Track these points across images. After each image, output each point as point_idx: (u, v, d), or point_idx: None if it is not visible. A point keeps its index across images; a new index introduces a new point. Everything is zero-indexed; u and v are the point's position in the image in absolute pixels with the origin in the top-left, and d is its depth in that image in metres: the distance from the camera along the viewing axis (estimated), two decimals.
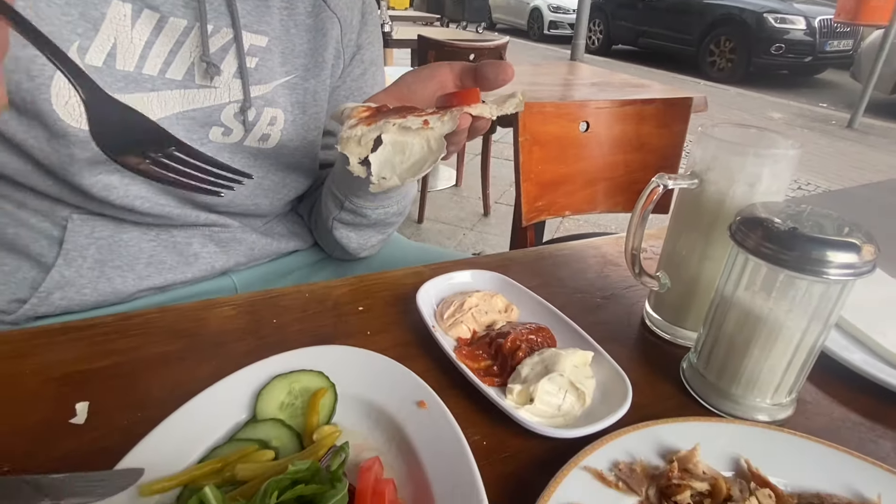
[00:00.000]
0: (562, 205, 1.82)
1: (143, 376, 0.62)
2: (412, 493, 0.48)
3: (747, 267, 0.57)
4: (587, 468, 0.49)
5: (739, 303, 0.58)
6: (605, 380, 0.62)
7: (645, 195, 0.65)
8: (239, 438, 0.50)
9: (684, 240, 0.70)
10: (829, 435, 0.55)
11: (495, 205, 3.86)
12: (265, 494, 0.38)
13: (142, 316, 0.73)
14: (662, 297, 0.74)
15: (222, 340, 0.69)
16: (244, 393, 0.55)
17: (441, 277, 0.79)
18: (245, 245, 0.97)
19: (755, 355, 0.58)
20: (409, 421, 0.53)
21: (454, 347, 0.67)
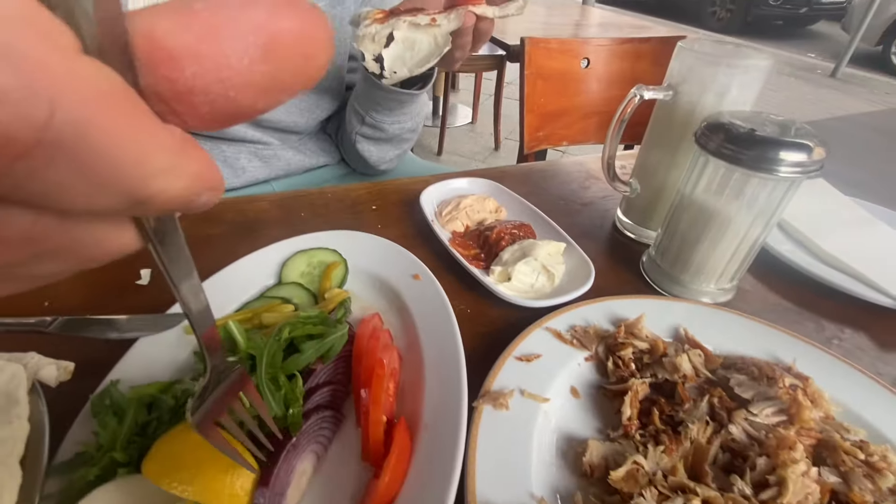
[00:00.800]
0: (560, 135, 1.74)
1: (194, 251, 0.63)
2: (405, 343, 0.49)
3: (707, 169, 0.53)
4: (548, 329, 0.50)
5: (696, 202, 0.55)
6: (573, 267, 0.61)
7: (623, 104, 0.60)
8: (266, 296, 0.51)
9: (656, 150, 0.66)
10: (762, 317, 0.54)
11: (505, 140, 3.72)
12: (280, 331, 0.40)
13: None
14: (632, 203, 0.72)
15: (258, 227, 0.70)
16: (272, 263, 0.56)
17: (442, 182, 0.77)
18: (283, 161, 0.97)
19: (705, 247, 0.56)
20: (406, 289, 0.54)
21: (449, 239, 0.66)
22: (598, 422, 0.44)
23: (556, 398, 0.44)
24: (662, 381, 0.45)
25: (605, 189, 0.86)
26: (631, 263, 0.67)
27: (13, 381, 0.36)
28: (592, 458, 0.38)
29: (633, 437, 0.40)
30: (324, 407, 0.40)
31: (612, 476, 0.36)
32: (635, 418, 0.42)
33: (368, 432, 0.36)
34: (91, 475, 0.33)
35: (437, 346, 0.46)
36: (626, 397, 0.42)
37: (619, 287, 0.62)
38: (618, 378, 0.46)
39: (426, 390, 0.42)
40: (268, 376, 0.37)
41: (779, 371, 0.45)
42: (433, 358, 0.45)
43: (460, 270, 0.61)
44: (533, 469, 0.38)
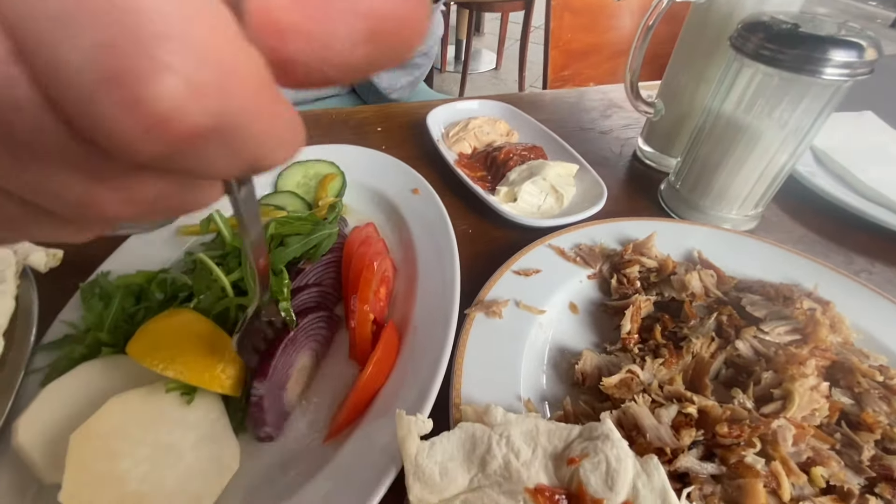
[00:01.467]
0: (586, 76, 1.63)
1: None
2: (402, 255, 0.48)
3: (740, 77, 0.48)
4: (551, 246, 0.47)
5: (723, 118, 0.50)
6: (584, 190, 0.58)
7: (651, 7, 0.54)
8: (260, 203, 0.50)
9: (684, 66, 0.60)
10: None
11: (530, 88, 3.55)
12: (266, 226, 0.38)
13: None
14: (655, 128, 0.66)
15: None
16: (268, 174, 0.54)
17: (451, 104, 0.73)
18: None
19: (728, 168, 0.51)
20: (404, 203, 0.52)
21: (455, 160, 0.63)
22: (595, 337, 0.42)
23: (552, 311, 0.42)
24: (669, 299, 0.43)
25: (627, 118, 0.80)
26: (649, 192, 0.63)
27: (1, 263, 0.36)
28: (585, 367, 0.37)
29: (630, 351, 0.39)
30: (318, 308, 0.39)
31: (604, 382, 0.34)
32: (635, 332, 0.40)
33: (356, 330, 0.36)
34: (77, 353, 0.33)
35: (433, 257, 0.45)
36: (628, 311, 0.40)
37: (632, 213, 0.59)
38: (620, 295, 0.44)
39: (418, 298, 0.41)
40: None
41: (797, 293, 0.41)
42: (428, 268, 0.44)
43: (465, 191, 0.58)
44: (522, 375, 0.36)
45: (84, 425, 0.28)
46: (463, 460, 0.30)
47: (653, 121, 0.65)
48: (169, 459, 0.29)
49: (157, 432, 0.30)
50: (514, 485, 0.28)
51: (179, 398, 0.32)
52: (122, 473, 0.28)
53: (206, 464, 0.30)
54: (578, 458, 0.29)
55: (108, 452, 0.28)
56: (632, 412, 0.32)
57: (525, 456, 0.30)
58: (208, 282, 0.36)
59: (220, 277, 0.35)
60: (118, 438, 0.29)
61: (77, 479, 0.26)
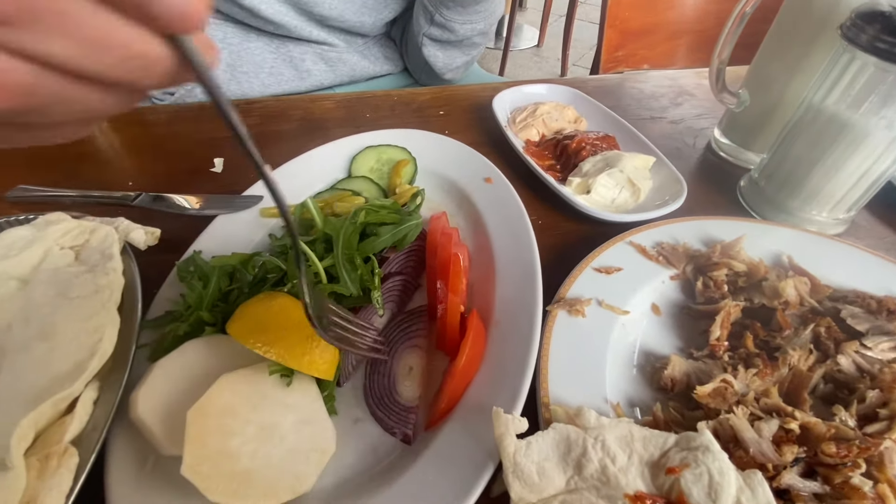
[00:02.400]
0: (641, 56, 1.56)
1: (265, 145, 0.64)
2: (475, 244, 0.48)
3: (849, 70, 0.44)
4: (632, 243, 0.46)
5: (824, 113, 0.47)
6: (661, 184, 0.56)
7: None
8: (337, 188, 0.51)
9: (778, 55, 0.56)
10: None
11: (573, 67, 3.42)
12: (355, 214, 0.39)
13: (262, 103, 0.73)
14: (735, 120, 0.63)
15: (324, 126, 0.68)
16: (342, 157, 0.55)
17: (517, 87, 0.71)
18: (348, 66, 0.93)
19: (825, 168, 0.48)
20: (477, 192, 0.51)
21: (523, 147, 0.62)
22: (679, 341, 0.41)
23: (635, 312, 0.41)
24: (759, 306, 0.41)
25: (699, 107, 0.76)
26: (726, 188, 0.60)
27: (106, 240, 0.38)
28: (674, 373, 0.36)
29: (720, 358, 0.38)
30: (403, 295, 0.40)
31: (697, 391, 0.34)
32: (724, 339, 0.39)
33: (445, 320, 0.36)
34: (181, 330, 0.35)
35: (509, 248, 0.44)
36: (718, 317, 0.39)
37: (710, 210, 0.56)
38: (706, 299, 0.42)
39: (497, 290, 0.41)
40: (344, 257, 0.37)
41: None
42: (506, 260, 0.43)
43: (533, 180, 0.57)
44: (608, 376, 0.36)
45: (199, 403, 0.30)
46: (558, 461, 0.30)
47: (734, 112, 0.62)
48: (273, 439, 0.30)
49: (262, 412, 0.31)
50: (613, 490, 0.28)
51: (279, 380, 0.33)
52: (234, 450, 0.29)
53: (306, 444, 0.31)
54: (678, 468, 0.29)
55: (221, 430, 0.29)
56: (731, 424, 0.31)
57: (621, 462, 0.29)
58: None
59: (316, 264, 0.36)
60: (229, 416, 0.30)
61: (196, 453, 0.28)
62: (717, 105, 0.63)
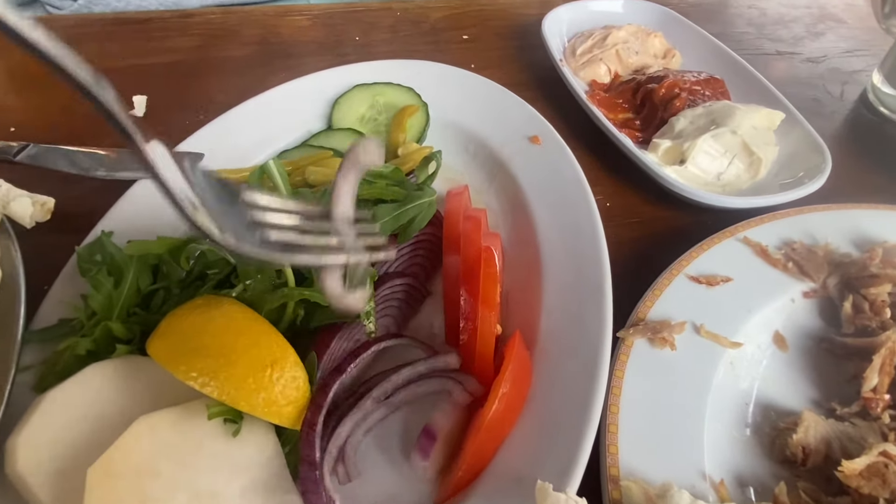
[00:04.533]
0: None
1: (206, 78, 0.63)
2: (511, 234, 0.47)
3: None
4: (747, 240, 0.45)
5: None
6: (792, 152, 0.54)
7: None
8: (310, 144, 0.50)
9: None
10: None
11: None
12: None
13: (205, 15, 0.72)
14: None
15: (296, 52, 0.67)
16: (319, 99, 0.54)
17: (579, 3, 0.69)
18: None
19: None
20: (517, 156, 0.50)
21: (586, 92, 0.60)
22: (814, 389, 0.40)
23: (750, 345, 0.40)
24: None
25: (850, 38, 0.74)
26: (889, 161, 0.58)
27: None
28: (808, 439, 0.35)
29: (878, 418, 0.36)
30: (406, 305, 0.39)
31: (844, 467, 0.33)
32: (884, 391, 0.38)
33: (473, 347, 0.35)
34: (81, 348, 0.34)
35: (563, 242, 0.43)
36: (876, 357, 0.38)
37: (864, 195, 0.54)
38: (858, 328, 0.41)
39: (544, 304, 0.40)
40: None
41: None
42: (556, 258, 0.42)
43: (600, 141, 0.56)
44: (707, 440, 0.35)
45: (105, 456, 0.29)
46: None
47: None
48: None
49: (196, 472, 0.31)
50: None
51: (223, 427, 0.32)
52: None
53: None
54: None
55: (136, 497, 0.29)
56: None
57: None
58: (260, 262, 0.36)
59: None
60: (148, 477, 0.29)
61: None
62: (876, 36, 0.60)
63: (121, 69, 0.63)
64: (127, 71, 0.63)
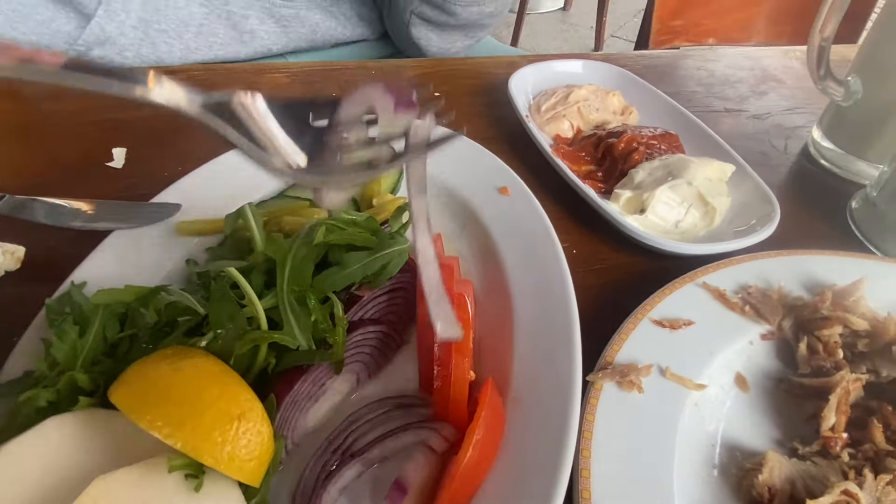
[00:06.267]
0: (706, 28, 1.59)
1: (186, 133, 0.62)
2: (482, 281, 0.46)
3: None
4: (706, 285, 0.45)
5: None
6: (743, 201, 0.55)
7: None
8: (288, 195, 0.49)
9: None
10: None
11: (610, 38, 3.51)
12: (311, 231, 0.37)
13: (185, 72, 0.72)
14: (842, 118, 0.63)
15: None
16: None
17: (544, 64, 0.71)
18: (307, 26, 0.92)
19: None
20: (487, 207, 0.50)
21: (551, 146, 0.61)
22: (777, 429, 0.39)
23: (714, 386, 0.40)
24: (888, 380, 0.40)
25: (790, 97, 0.77)
26: (830, 209, 0.60)
27: None
28: (773, 479, 0.34)
29: (837, 457, 0.36)
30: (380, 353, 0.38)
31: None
32: (842, 430, 0.37)
33: (448, 394, 0.34)
34: (42, 400, 0.32)
35: (533, 288, 0.42)
36: (832, 397, 0.37)
37: (810, 240, 0.55)
38: (814, 369, 0.41)
39: (516, 349, 0.39)
40: (291, 294, 0.35)
41: None
42: (526, 304, 0.41)
43: (565, 192, 0.56)
44: (676, 481, 0.34)
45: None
46: None
47: (841, 106, 0.62)
48: None
49: None
50: None
51: (185, 484, 0.30)
52: None
53: None
54: None
55: None
56: None
57: None
58: (231, 310, 0.34)
59: (255, 305, 0.33)
60: None
61: None
62: (814, 95, 0.63)
63: (102, 122, 0.62)
64: (108, 125, 0.62)
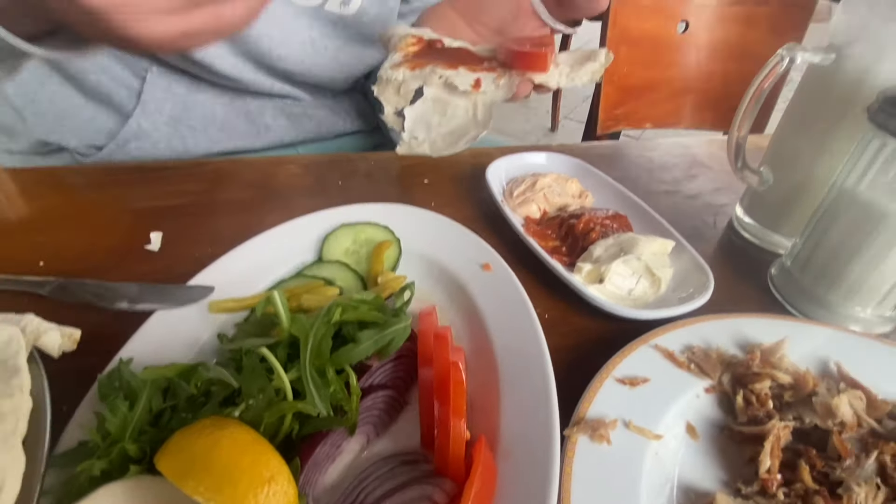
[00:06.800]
0: (643, 115, 1.69)
1: (214, 217, 0.64)
2: (471, 347, 0.47)
3: (880, 156, 0.49)
4: (658, 347, 0.47)
5: (859, 201, 0.51)
6: (683, 271, 0.58)
7: (766, 70, 0.57)
8: (305, 274, 0.50)
9: (800, 131, 0.62)
10: None
11: (564, 120, 3.66)
12: (329, 311, 0.38)
13: (212, 164, 0.74)
14: (759, 199, 0.68)
15: (289, 195, 0.69)
16: (311, 236, 0.55)
17: (514, 156, 0.75)
18: (314, 121, 0.96)
19: (865, 260, 0.51)
20: (473, 281, 0.52)
21: (522, 225, 0.64)
22: (723, 472, 0.40)
23: (669, 435, 0.41)
24: (811, 427, 0.42)
25: (716, 180, 0.82)
26: (754, 275, 0.63)
27: (11, 345, 0.36)
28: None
29: (773, 496, 0.37)
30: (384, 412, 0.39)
31: None
32: (776, 472, 0.39)
33: (447, 452, 0.35)
34: (96, 469, 0.32)
35: (515, 355, 0.44)
36: (767, 444, 0.39)
37: (739, 303, 0.59)
38: (750, 418, 0.42)
39: (502, 409, 0.40)
40: (313, 367, 0.36)
41: None
42: (510, 367, 0.43)
43: (536, 264, 0.59)
44: None
45: None
46: None
47: (758, 190, 0.66)
48: None
49: None
50: None
51: None
52: None
53: None
54: None
55: None
56: None
57: None
58: (261, 383, 0.35)
59: (282, 379, 0.34)
60: None
61: None
62: (735, 179, 0.67)
63: (141, 210, 0.64)
64: (146, 212, 0.63)
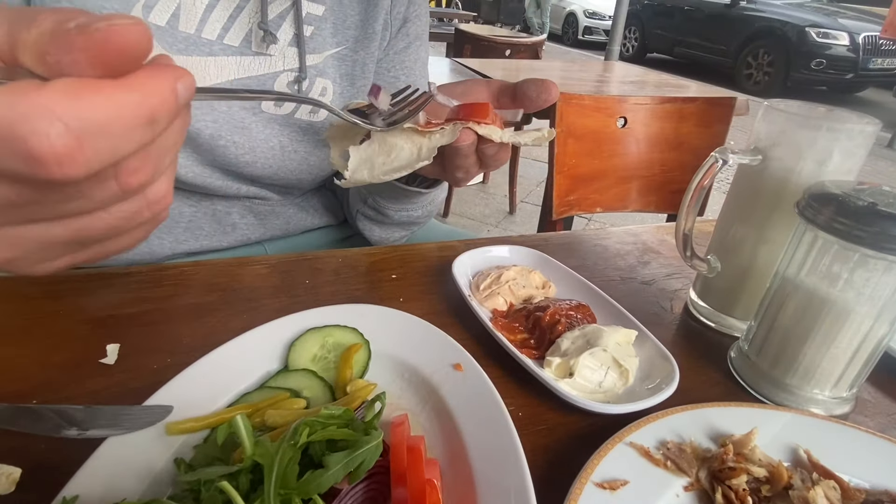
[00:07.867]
0: (593, 200, 1.77)
1: (175, 325, 0.61)
2: (446, 453, 0.45)
3: (814, 247, 0.52)
4: (633, 444, 0.46)
5: (802, 287, 0.54)
6: (648, 360, 0.58)
7: (703, 171, 0.61)
8: (270, 386, 0.48)
9: (739, 222, 0.66)
10: (889, 434, 0.51)
11: (521, 203, 3.82)
12: (295, 433, 0.36)
13: (176, 268, 0.72)
14: (710, 284, 0.70)
15: (255, 297, 0.67)
16: (276, 343, 0.53)
17: (478, 250, 0.76)
18: (282, 218, 0.96)
19: (816, 344, 0.53)
20: (445, 382, 0.50)
21: (490, 319, 0.64)
22: None
23: None
24: None
25: (668, 265, 0.85)
26: (714, 358, 0.64)
27: None
28: None
29: None
30: None
31: None
32: None
33: None
34: None
35: (491, 462, 0.42)
36: None
37: (704, 389, 0.59)
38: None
39: None
40: (278, 498, 0.33)
41: None
42: (485, 476, 0.41)
43: (505, 360, 0.58)
44: None
45: None
46: None
47: (708, 277, 0.69)
48: None
49: None
50: None
51: None
52: None
53: None
54: None
55: None
56: None
57: None
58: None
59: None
60: None
61: None
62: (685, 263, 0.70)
63: (98, 319, 0.60)
64: (103, 321, 0.60)
